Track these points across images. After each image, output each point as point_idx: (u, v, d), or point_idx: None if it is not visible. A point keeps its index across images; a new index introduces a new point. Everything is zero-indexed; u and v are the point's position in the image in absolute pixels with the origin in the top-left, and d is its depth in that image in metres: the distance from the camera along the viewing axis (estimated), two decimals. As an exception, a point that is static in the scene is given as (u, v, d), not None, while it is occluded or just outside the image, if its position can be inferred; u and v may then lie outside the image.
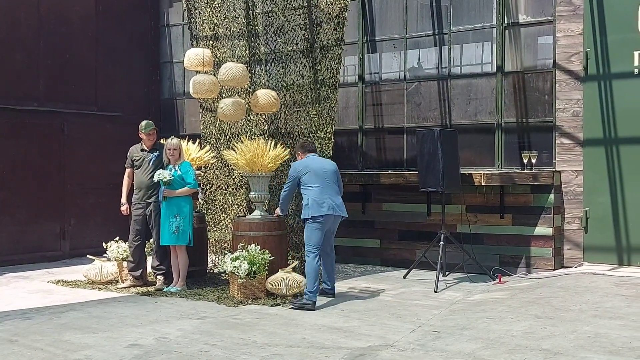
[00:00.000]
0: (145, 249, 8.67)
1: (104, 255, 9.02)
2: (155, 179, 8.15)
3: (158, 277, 8.48)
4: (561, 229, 8.83)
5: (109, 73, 11.71)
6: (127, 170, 8.66)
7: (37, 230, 10.65)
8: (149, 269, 8.77)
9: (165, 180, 8.05)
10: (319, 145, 8.72)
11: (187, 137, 9.44)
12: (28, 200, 10.54)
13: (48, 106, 10.84)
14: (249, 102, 9.21)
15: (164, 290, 8.20)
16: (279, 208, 8.03)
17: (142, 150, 8.55)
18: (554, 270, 8.65)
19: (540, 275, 8.52)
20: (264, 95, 8.71)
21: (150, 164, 8.46)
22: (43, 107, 10.77)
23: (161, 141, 8.88)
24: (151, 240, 8.60)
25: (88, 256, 9.17)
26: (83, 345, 5.96)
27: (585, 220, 8.68)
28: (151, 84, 12.42)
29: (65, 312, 7.19)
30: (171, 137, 8.56)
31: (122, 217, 8.75)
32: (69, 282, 8.89)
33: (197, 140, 9.48)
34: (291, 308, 7.29)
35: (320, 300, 7.65)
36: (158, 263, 8.47)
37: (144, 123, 8.58)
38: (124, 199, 8.59)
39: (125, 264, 8.68)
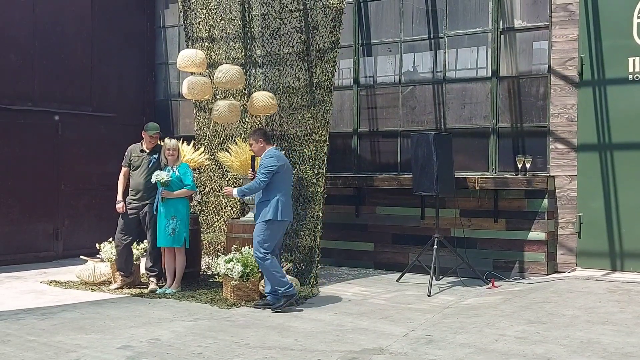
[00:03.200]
0: (137, 250, 8.64)
1: (97, 256, 8.99)
2: (153, 180, 8.12)
3: (151, 278, 8.45)
4: (555, 233, 8.84)
5: (104, 74, 11.68)
6: (124, 169, 8.56)
7: (30, 230, 10.62)
8: (142, 270, 8.74)
9: (163, 181, 8.03)
10: (314, 148, 8.73)
11: (182, 139, 9.42)
12: (21, 200, 10.50)
13: (43, 106, 10.81)
14: (244, 104, 9.21)
15: (157, 291, 8.18)
16: (238, 190, 7.41)
17: (142, 151, 8.50)
18: (547, 275, 8.66)
19: (534, 280, 8.53)
20: (262, 98, 8.69)
21: (150, 165, 8.40)
22: (37, 107, 10.74)
23: (160, 143, 8.88)
24: (145, 241, 8.57)
25: (81, 257, 9.16)
26: (75, 346, 5.94)
27: (579, 225, 8.70)
28: (146, 85, 12.40)
29: (58, 313, 7.17)
30: (169, 137, 8.56)
31: (116, 218, 8.70)
32: (62, 282, 8.86)
33: (192, 142, 9.47)
34: (277, 312, 7.21)
35: (314, 303, 7.66)
36: (151, 264, 8.44)
37: (150, 125, 8.54)
38: (120, 197, 8.47)
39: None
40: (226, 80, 8.62)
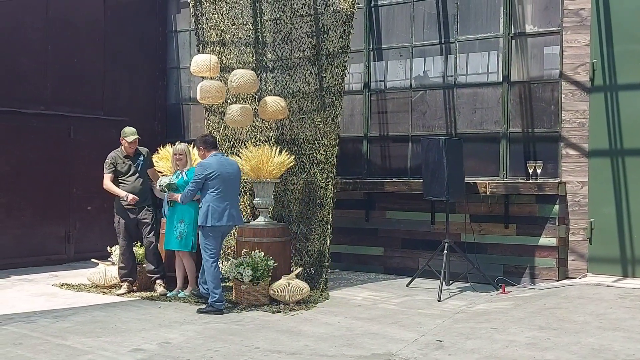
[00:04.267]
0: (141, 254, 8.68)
1: (109, 259, 9.04)
2: (158, 186, 8.19)
3: (157, 281, 8.47)
4: (566, 239, 8.81)
5: (115, 78, 11.75)
6: (110, 176, 8.38)
7: (42, 233, 10.67)
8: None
9: (165, 185, 8.09)
10: (324, 153, 8.74)
11: (193, 143, 9.44)
12: (33, 203, 10.56)
13: (55, 110, 10.87)
14: (255, 108, 9.23)
15: (169, 295, 8.21)
16: (180, 197, 7.84)
17: (126, 156, 8.46)
18: (558, 280, 8.63)
19: (544, 285, 8.50)
20: (273, 102, 8.72)
21: (140, 168, 8.44)
22: (50, 111, 10.81)
23: (167, 147, 8.92)
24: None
25: (92, 260, 9.19)
26: (86, 349, 5.97)
27: (590, 231, 8.67)
28: (157, 89, 12.45)
29: (69, 316, 7.21)
30: (178, 142, 8.58)
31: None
32: (73, 285, 8.90)
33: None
34: (200, 312, 7.35)
35: (324, 307, 7.66)
36: (154, 267, 8.47)
37: (127, 130, 8.43)
38: (124, 193, 8.33)
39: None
40: (239, 84, 8.65)
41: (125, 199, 8.32)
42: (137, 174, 8.42)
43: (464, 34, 9.61)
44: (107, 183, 8.41)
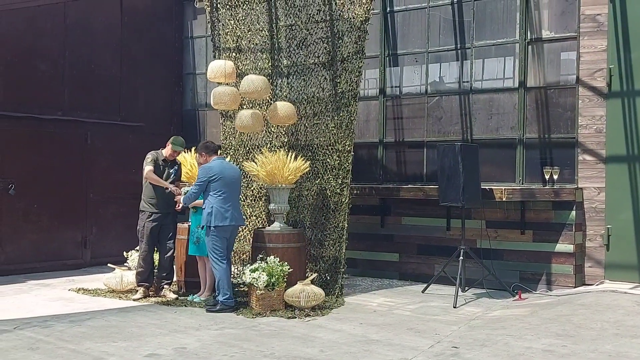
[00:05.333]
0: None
1: (125, 264, 9.09)
2: (182, 192, 8.28)
3: (166, 287, 8.53)
4: (582, 246, 8.75)
5: (132, 84, 11.82)
6: (151, 168, 8.38)
7: (58, 238, 10.74)
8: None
9: (185, 191, 8.20)
10: (338, 158, 8.74)
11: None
12: (50, 209, 10.64)
13: (72, 116, 10.96)
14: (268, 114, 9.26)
15: (188, 298, 8.25)
16: (182, 198, 8.09)
17: (164, 160, 8.59)
18: (575, 287, 8.57)
19: (561, 292, 8.45)
20: (283, 107, 8.75)
21: (171, 178, 8.53)
22: (67, 117, 10.89)
23: (182, 153, 8.97)
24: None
25: (109, 265, 9.24)
26: (102, 353, 6.00)
27: (607, 237, 8.60)
28: (174, 95, 12.51)
29: (85, 321, 7.25)
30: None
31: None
32: (89, 290, 8.95)
33: (218, 152, 9.51)
34: (210, 312, 7.59)
35: (339, 313, 7.65)
36: (166, 273, 8.54)
37: (179, 140, 8.57)
38: (168, 185, 8.39)
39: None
40: (251, 90, 8.69)
41: (169, 189, 8.40)
42: (169, 180, 8.49)
43: (479, 40, 9.59)
44: (151, 174, 8.40)
